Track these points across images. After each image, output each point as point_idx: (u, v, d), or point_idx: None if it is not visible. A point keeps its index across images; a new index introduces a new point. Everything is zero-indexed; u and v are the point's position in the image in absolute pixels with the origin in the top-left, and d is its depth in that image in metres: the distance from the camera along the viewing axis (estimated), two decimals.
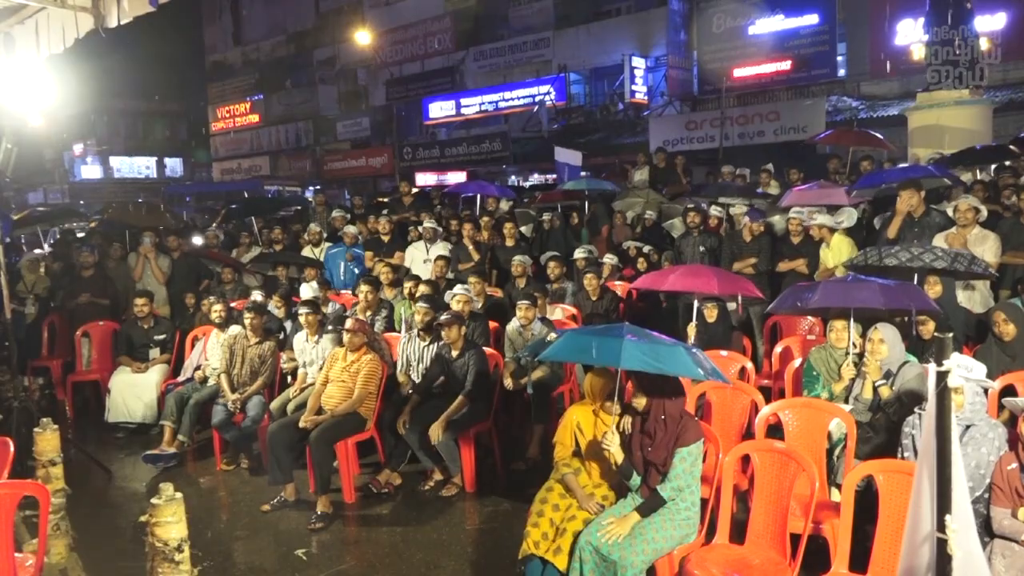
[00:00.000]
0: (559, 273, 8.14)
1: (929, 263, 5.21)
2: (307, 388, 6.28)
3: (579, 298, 7.78)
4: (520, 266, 8.05)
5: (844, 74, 20.06)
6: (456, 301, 6.66)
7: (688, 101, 22.39)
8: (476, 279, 7.58)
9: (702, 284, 6.06)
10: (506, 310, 7.55)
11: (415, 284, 7.40)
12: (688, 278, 6.20)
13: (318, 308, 6.73)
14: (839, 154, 11.42)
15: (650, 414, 3.80)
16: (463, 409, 5.60)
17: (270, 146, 34.39)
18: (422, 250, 9.20)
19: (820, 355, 5.09)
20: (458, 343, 5.84)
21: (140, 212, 13.09)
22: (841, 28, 19.95)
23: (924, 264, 5.23)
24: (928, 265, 5.23)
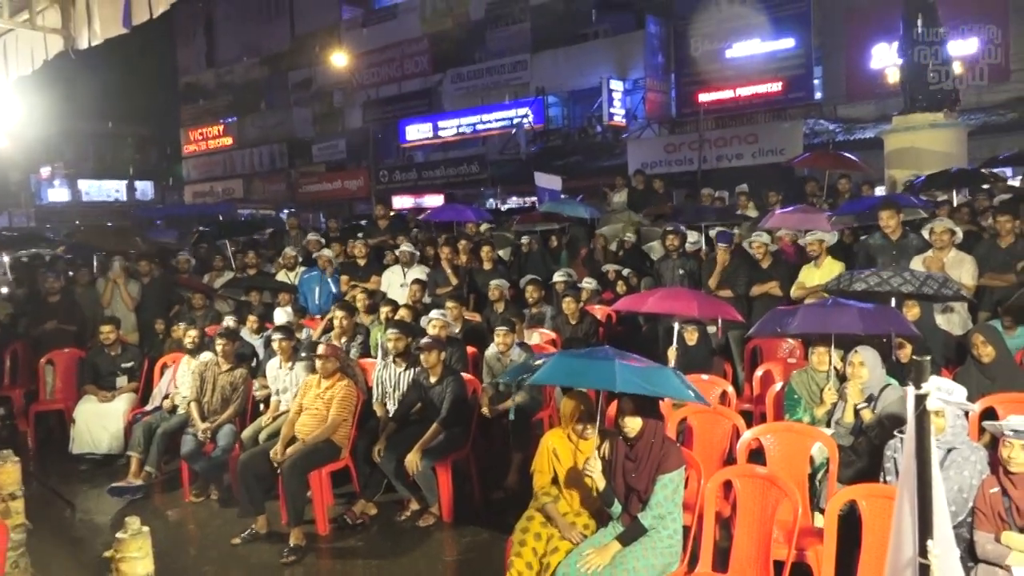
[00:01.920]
0: (538, 297, 8.20)
1: (897, 287, 5.23)
2: (280, 416, 6.23)
3: (558, 322, 7.78)
4: (498, 290, 8.05)
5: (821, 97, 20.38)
6: (432, 326, 6.62)
7: (666, 124, 22.60)
8: (454, 303, 7.56)
9: (682, 307, 6.07)
10: (484, 335, 7.49)
11: (391, 309, 7.36)
12: (668, 301, 6.20)
13: (292, 334, 6.70)
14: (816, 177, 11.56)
15: (642, 438, 3.78)
16: (440, 436, 5.55)
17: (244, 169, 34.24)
18: (399, 274, 9.19)
19: (801, 379, 5.11)
20: (437, 369, 5.78)
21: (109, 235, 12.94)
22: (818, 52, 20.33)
23: (892, 288, 5.24)
24: (895, 289, 5.24)
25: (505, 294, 8.16)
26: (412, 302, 8.04)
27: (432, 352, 5.75)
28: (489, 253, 9.23)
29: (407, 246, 9.55)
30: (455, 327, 7.40)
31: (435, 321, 6.66)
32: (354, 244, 10.04)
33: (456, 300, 7.71)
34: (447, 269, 8.94)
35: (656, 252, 9.70)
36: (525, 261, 10.19)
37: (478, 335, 7.58)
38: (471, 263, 9.37)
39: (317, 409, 5.74)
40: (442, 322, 6.69)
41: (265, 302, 9.02)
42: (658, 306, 6.15)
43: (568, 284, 8.60)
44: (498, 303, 8.04)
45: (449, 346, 6.39)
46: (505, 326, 6.45)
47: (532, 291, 8.21)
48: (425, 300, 8.55)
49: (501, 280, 8.30)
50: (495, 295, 8.06)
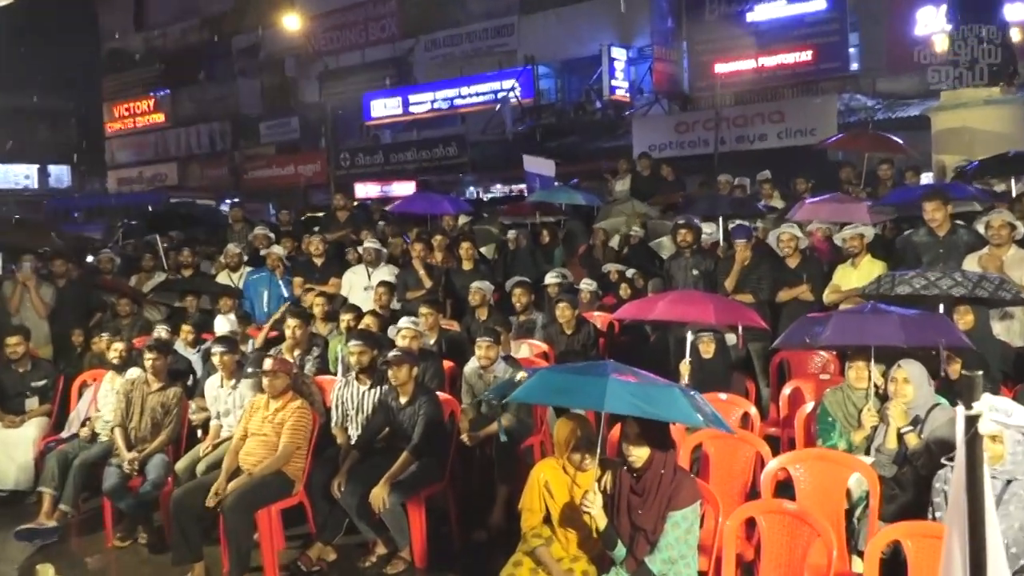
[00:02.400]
0: (527, 302, 8.22)
1: (946, 290, 5.27)
2: (221, 444, 6.22)
3: (551, 332, 7.83)
4: (480, 294, 8.08)
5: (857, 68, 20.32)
6: (402, 337, 6.63)
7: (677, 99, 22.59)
8: (428, 310, 7.53)
9: (697, 312, 6.12)
10: (463, 347, 7.49)
11: (354, 317, 7.40)
12: (680, 306, 6.26)
13: (235, 346, 6.70)
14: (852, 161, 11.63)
15: (650, 469, 3.78)
16: (412, 467, 5.54)
17: (179, 151, 34.17)
18: (362, 275, 9.22)
19: (836, 398, 5.12)
20: (408, 387, 5.78)
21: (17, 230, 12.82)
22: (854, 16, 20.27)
23: (941, 292, 5.28)
24: (945, 293, 5.29)
25: (488, 299, 8.18)
26: (378, 308, 8.03)
27: (402, 367, 5.73)
28: (469, 251, 9.20)
29: (372, 242, 9.53)
30: (429, 338, 7.38)
31: (405, 331, 6.66)
32: (309, 240, 10.17)
33: (430, 306, 7.67)
34: (419, 269, 8.91)
35: (666, 249, 9.75)
36: (512, 260, 10.24)
37: (456, 347, 7.57)
38: (448, 262, 9.40)
39: (265, 435, 5.72)
40: (413, 332, 6.67)
41: (203, 308, 8.99)
42: (668, 312, 6.17)
43: (563, 287, 8.62)
44: (480, 309, 8.06)
45: (422, 360, 6.37)
46: (488, 337, 6.44)
47: (520, 295, 8.19)
48: (394, 306, 8.55)
49: (483, 282, 8.30)
50: (476, 300, 8.08)
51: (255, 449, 5.73)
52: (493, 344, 6.42)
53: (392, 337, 6.90)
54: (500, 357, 6.48)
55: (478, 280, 8.35)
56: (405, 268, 9.26)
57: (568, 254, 10.81)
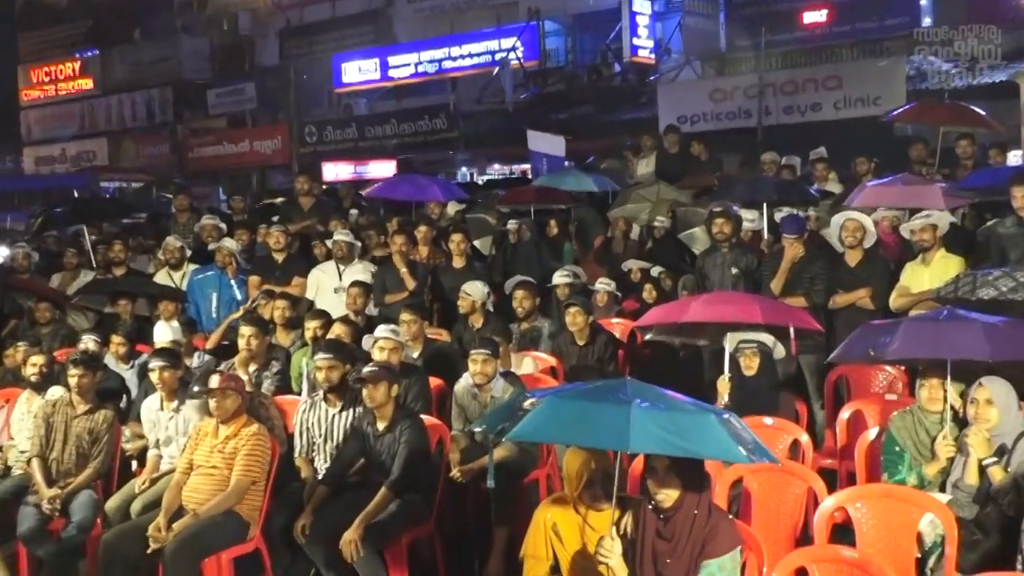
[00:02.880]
0: (530, 307, 8.23)
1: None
2: (161, 478, 6.18)
3: (560, 343, 7.88)
4: (473, 298, 8.05)
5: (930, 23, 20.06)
6: (379, 348, 6.62)
7: (713, 61, 22.62)
8: (411, 316, 7.56)
9: (739, 311, 6.17)
10: (454, 361, 7.49)
11: (321, 324, 7.38)
12: (717, 305, 6.31)
13: (178, 360, 6.67)
14: (925, 137, 11.61)
15: (681, 509, 3.78)
16: (391, 507, 5.51)
17: (109, 124, 34.10)
18: (332, 274, 9.27)
19: (905, 423, 5.11)
20: (386, 410, 5.76)
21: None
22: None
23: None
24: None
25: (484, 303, 8.16)
26: (351, 314, 8.04)
27: (379, 386, 5.71)
28: (461, 244, 9.20)
29: (343, 234, 9.55)
30: (412, 350, 7.40)
31: (383, 341, 6.65)
32: (268, 232, 10.13)
33: (414, 311, 7.72)
34: (401, 267, 8.91)
35: (698, 243, 9.81)
36: (512, 256, 10.27)
37: (446, 361, 7.56)
38: (435, 259, 9.44)
39: (214, 468, 5.70)
40: (393, 343, 6.67)
41: (139, 315, 8.99)
42: (704, 312, 6.21)
43: (574, 288, 8.69)
44: (474, 316, 8.06)
45: (404, 377, 6.37)
46: (484, 349, 6.43)
47: (523, 298, 8.21)
48: (370, 311, 8.60)
49: (478, 283, 8.27)
50: (469, 305, 8.07)
51: (202, 485, 5.68)
52: (490, 358, 6.38)
53: (367, 349, 6.83)
54: (498, 373, 6.44)
55: (472, 280, 8.32)
56: (383, 266, 9.26)
57: (581, 249, 10.82)
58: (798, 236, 7.78)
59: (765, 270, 7.99)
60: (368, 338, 7.00)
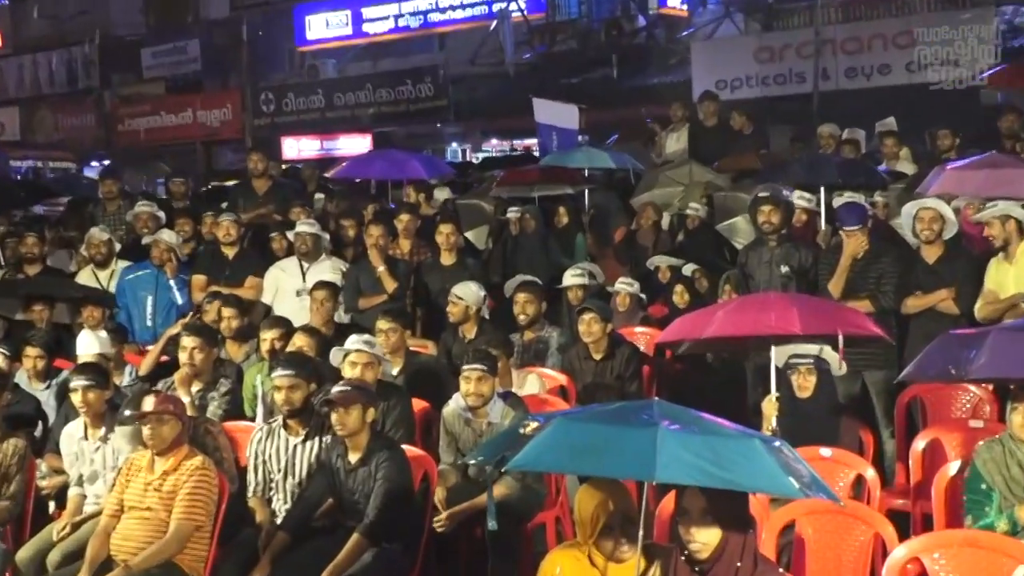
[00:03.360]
0: (535, 313, 8.25)
1: None
2: (86, 523, 6.09)
3: (571, 357, 7.89)
4: (466, 302, 8.08)
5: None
6: (351, 364, 6.64)
7: (757, 13, 22.41)
8: (390, 324, 7.57)
9: (771, 322, 6.02)
10: (442, 380, 7.49)
11: (280, 335, 7.36)
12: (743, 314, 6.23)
13: (105, 378, 6.59)
14: (1018, 105, 11.57)
15: (720, 560, 3.75)
16: (365, 558, 5.46)
17: (21, 90, 33.79)
18: (293, 273, 9.32)
19: (994, 455, 5.07)
20: (359, 439, 5.76)
21: None
22: None
23: None
24: None
25: (480, 309, 8.21)
26: (316, 322, 8.01)
27: (351, 409, 5.71)
28: (451, 237, 9.24)
29: (307, 224, 9.57)
30: (392, 365, 7.38)
31: (356, 355, 6.66)
32: (215, 222, 10.10)
33: (394, 319, 7.69)
34: (378, 264, 8.95)
35: (741, 235, 9.88)
36: (514, 251, 10.35)
37: (432, 380, 7.56)
38: (420, 254, 9.51)
39: (149, 510, 5.64)
40: (368, 357, 6.66)
41: (58, 322, 8.95)
42: (726, 326, 6.16)
43: (589, 290, 8.71)
44: (467, 324, 8.10)
45: (381, 399, 6.36)
46: (479, 364, 6.38)
47: (526, 303, 8.22)
48: (339, 318, 8.66)
49: (472, 284, 8.30)
50: (460, 311, 8.10)
51: (134, 530, 5.61)
52: (486, 375, 6.35)
53: (336, 365, 6.81)
54: (496, 394, 6.43)
55: (464, 281, 8.33)
56: (356, 263, 9.34)
57: (597, 242, 10.81)
58: (860, 227, 7.70)
59: (822, 268, 7.92)
60: (337, 351, 6.91)
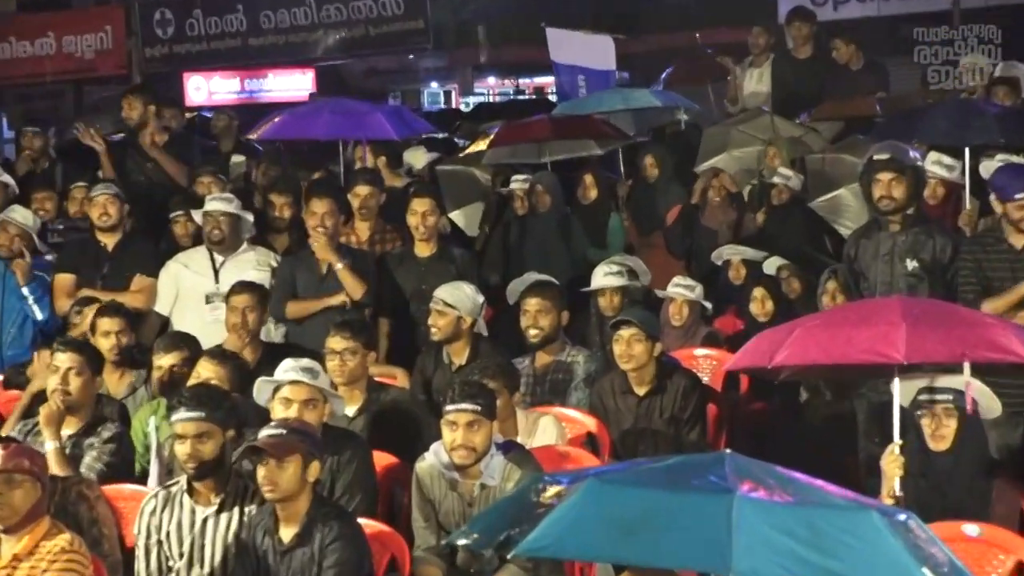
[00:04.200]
0: (552, 328, 8.17)
1: None
2: None
3: (604, 391, 7.75)
4: (450, 313, 8.10)
5: None
6: (284, 401, 6.51)
7: None
8: (344, 342, 7.46)
9: (866, 343, 5.97)
10: (417, 424, 7.44)
11: (182, 360, 7.28)
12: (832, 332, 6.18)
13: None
14: None
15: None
16: None
17: None
18: (202, 270, 9.27)
19: None
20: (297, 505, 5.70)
21: None
22: None
23: None
24: None
25: (474, 321, 8.21)
26: (234, 341, 8.07)
27: (285, 464, 5.62)
28: (430, 218, 9.22)
29: (221, 201, 9.51)
30: (344, 403, 7.16)
31: (293, 389, 6.56)
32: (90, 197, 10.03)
33: (350, 334, 7.57)
34: (326, 257, 8.94)
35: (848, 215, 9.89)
36: (520, 238, 10.52)
37: (402, 424, 7.50)
38: (384, 242, 9.57)
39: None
40: (309, 391, 6.56)
41: None
42: (807, 349, 6.11)
43: (629, 295, 8.73)
44: (456, 344, 8.11)
45: (330, 451, 6.32)
46: (471, 402, 6.24)
47: (538, 313, 8.17)
48: (269, 335, 8.64)
49: (463, 286, 8.32)
50: (446, 324, 8.09)
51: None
52: (480, 418, 6.23)
53: (263, 403, 6.77)
54: (495, 446, 6.32)
55: (450, 281, 8.37)
56: (293, 255, 9.34)
57: (641, 225, 10.96)
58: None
59: (966, 265, 7.85)
60: (265, 383, 6.81)
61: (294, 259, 9.17)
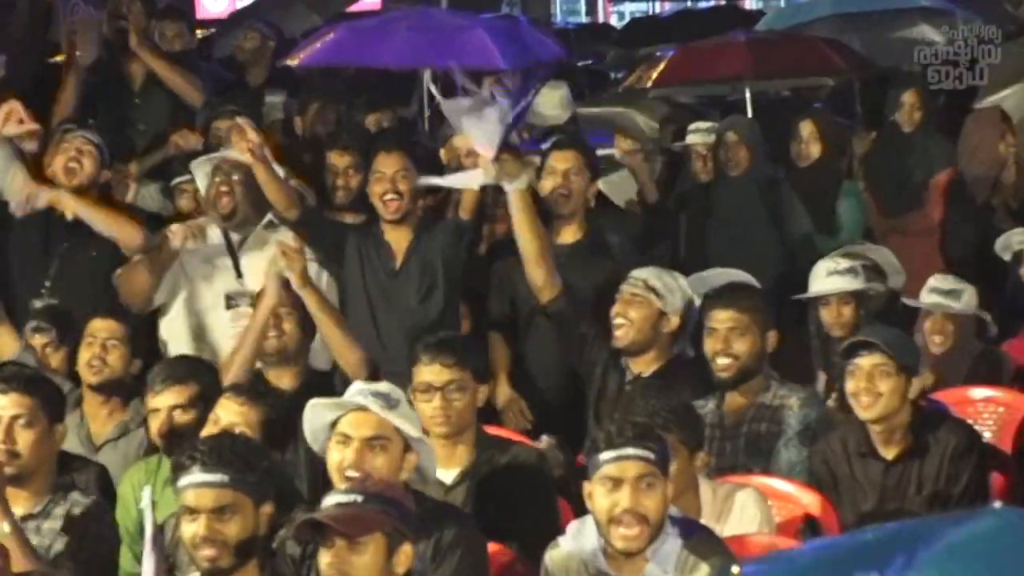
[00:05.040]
0: (752, 354, 6.82)
1: None
2: None
3: (833, 451, 6.64)
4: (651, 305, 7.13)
5: None
6: (339, 439, 5.72)
7: None
8: (447, 371, 6.28)
9: None
10: (546, 489, 6.38)
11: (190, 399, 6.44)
12: None
13: None
14: None
15: None
16: None
17: None
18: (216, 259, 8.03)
19: None
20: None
21: None
22: None
23: None
24: None
25: (682, 320, 7.25)
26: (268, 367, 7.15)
27: (360, 550, 4.83)
28: (570, 178, 7.97)
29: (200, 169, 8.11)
30: (431, 458, 6.08)
31: (354, 419, 5.69)
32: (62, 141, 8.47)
33: (455, 360, 6.33)
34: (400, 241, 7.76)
35: None
36: (704, 215, 9.23)
37: (527, 496, 6.33)
38: (498, 221, 8.42)
39: None
40: (377, 423, 5.65)
41: None
42: None
43: (870, 301, 7.65)
44: (642, 358, 7.07)
45: (430, 529, 5.63)
46: (640, 448, 5.17)
47: (732, 331, 6.82)
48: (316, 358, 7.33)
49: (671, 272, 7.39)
50: (639, 320, 7.10)
51: None
52: (655, 472, 5.13)
53: (318, 447, 5.79)
54: (670, 521, 5.32)
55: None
56: (365, 229, 7.95)
57: (888, 199, 9.47)
58: None
59: None
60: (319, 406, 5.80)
61: (362, 234, 8.04)
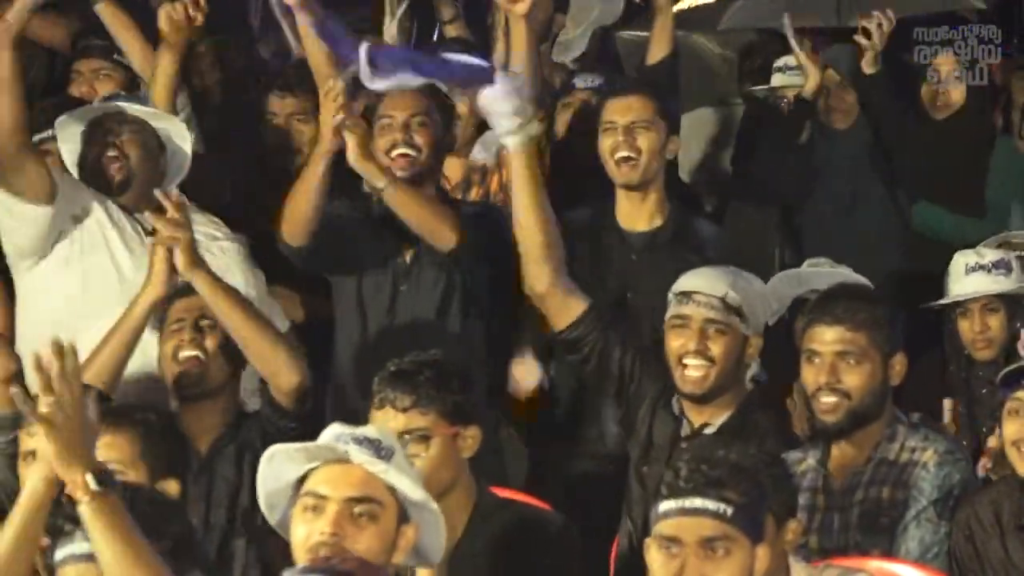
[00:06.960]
0: (870, 389, 5.43)
1: None
2: None
3: (979, 521, 5.54)
4: (732, 330, 5.92)
5: None
6: (311, 501, 5.00)
7: None
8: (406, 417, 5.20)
9: None
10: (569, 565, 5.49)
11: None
12: None
13: None
14: None
15: None
16: None
17: None
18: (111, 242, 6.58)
19: None
20: None
21: None
22: None
23: None
24: None
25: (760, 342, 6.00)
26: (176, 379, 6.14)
27: None
28: (635, 134, 6.47)
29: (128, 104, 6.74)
30: (438, 526, 5.61)
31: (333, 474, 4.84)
32: None
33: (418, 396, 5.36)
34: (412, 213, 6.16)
35: None
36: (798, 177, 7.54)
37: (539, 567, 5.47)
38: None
39: None
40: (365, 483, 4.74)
41: None
42: None
43: None
44: (713, 404, 5.89)
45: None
46: (712, 500, 4.10)
47: (838, 355, 5.61)
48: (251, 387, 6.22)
49: (746, 277, 5.98)
50: (719, 356, 6.00)
51: None
52: (733, 533, 4.06)
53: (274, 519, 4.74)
54: None
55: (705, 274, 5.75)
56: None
57: None
58: None
59: None
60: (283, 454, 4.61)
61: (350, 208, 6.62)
